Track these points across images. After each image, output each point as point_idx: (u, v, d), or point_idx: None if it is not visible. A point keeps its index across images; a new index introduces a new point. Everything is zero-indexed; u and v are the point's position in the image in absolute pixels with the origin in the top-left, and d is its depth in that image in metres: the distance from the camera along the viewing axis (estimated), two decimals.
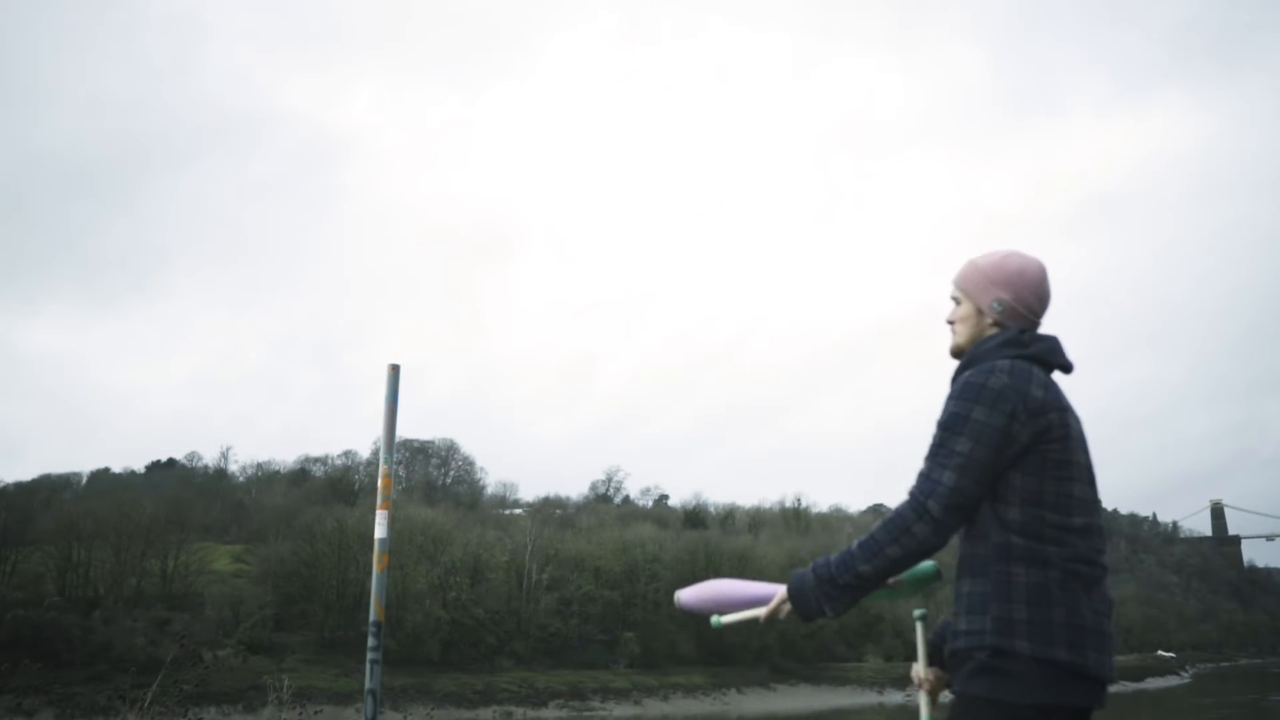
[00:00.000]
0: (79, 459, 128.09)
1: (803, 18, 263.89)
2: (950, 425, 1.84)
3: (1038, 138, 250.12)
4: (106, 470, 62.57)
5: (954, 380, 1.98)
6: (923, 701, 2.09)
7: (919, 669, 2.10)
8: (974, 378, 1.88)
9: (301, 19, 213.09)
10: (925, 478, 1.83)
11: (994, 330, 2.02)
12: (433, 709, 28.39)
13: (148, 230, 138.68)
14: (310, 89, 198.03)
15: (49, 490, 50.69)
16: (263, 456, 69.23)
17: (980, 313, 2.04)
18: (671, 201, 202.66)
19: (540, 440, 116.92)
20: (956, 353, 2.07)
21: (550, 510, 62.08)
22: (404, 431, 66.35)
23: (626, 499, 75.79)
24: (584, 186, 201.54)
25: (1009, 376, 1.86)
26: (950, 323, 2.11)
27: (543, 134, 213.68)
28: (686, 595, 2.18)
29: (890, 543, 1.81)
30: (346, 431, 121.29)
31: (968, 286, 2.06)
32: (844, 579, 1.84)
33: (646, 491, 78.39)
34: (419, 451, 69.72)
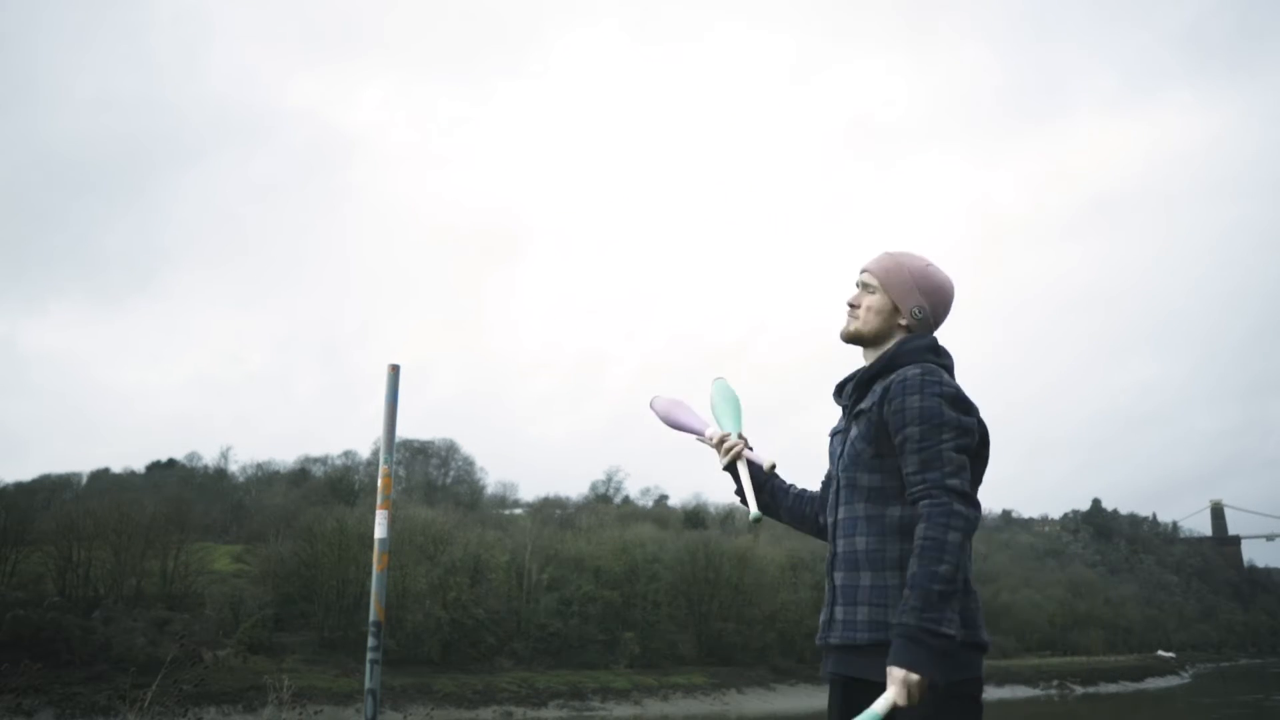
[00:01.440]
0: (82, 459, 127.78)
1: (811, 19, 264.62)
2: (928, 419, 1.84)
3: (1043, 138, 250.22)
4: (106, 470, 62.59)
5: (873, 375, 2.01)
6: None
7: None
8: (930, 376, 1.90)
9: (309, 17, 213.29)
10: (929, 466, 1.81)
11: (902, 333, 2.05)
12: (433, 709, 28.37)
13: (153, 229, 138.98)
14: (317, 87, 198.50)
15: (49, 490, 50.68)
16: (263, 456, 69.28)
17: (896, 311, 2.05)
18: (680, 200, 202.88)
19: (546, 440, 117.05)
20: (854, 339, 2.08)
21: (550, 510, 62.07)
22: (409, 431, 66.54)
23: (626, 499, 75.80)
24: (592, 186, 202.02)
25: (955, 382, 1.94)
26: (854, 306, 2.09)
27: (551, 133, 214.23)
28: (659, 404, 2.35)
29: (946, 531, 1.75)
30: (352, 431, 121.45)
31: (890, 281, 2.05)
32: (945, 612, 1.72)
33: (646, 491, 78.38)
34: (419, 451, 69.70)
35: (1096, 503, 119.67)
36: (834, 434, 2.19)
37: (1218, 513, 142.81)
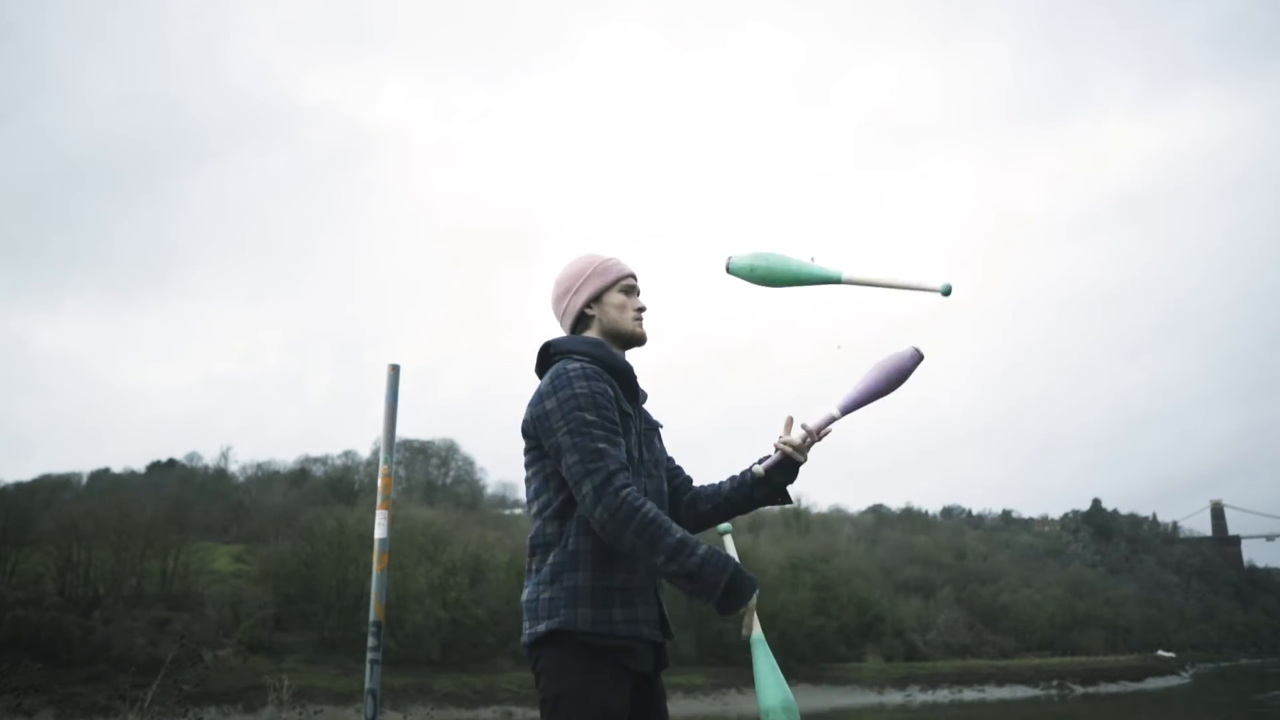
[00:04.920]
0: (90, 458, 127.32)
1: (831, 19, 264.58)
2: None
3: (1061, 136, 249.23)
4: (107, 470, 62.52)
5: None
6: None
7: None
8: None
9: (328, 11, 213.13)
10: None
11: None
12: (433, 709, 28.37)
13: (167, 228, 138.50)
14: (334, 83, 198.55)
15: (49, 490, 50.62)
16: (262, 456, 69.17)
17: None
18: (694, 199, 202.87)
19: None
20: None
21: None
22: (418, 431, 66.48)
23: None
24: (608, 184, 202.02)
25: None
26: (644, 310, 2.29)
27: (568, 132, 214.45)
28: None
29: None
30: (363, 432, 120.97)
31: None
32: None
33: None
34: (419, 451, 69.61)
35: (1096, 503, 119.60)
36: (654, 429, 2.28)
37: (1218, 513, 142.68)
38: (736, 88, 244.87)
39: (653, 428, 2.26)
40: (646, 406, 2.29)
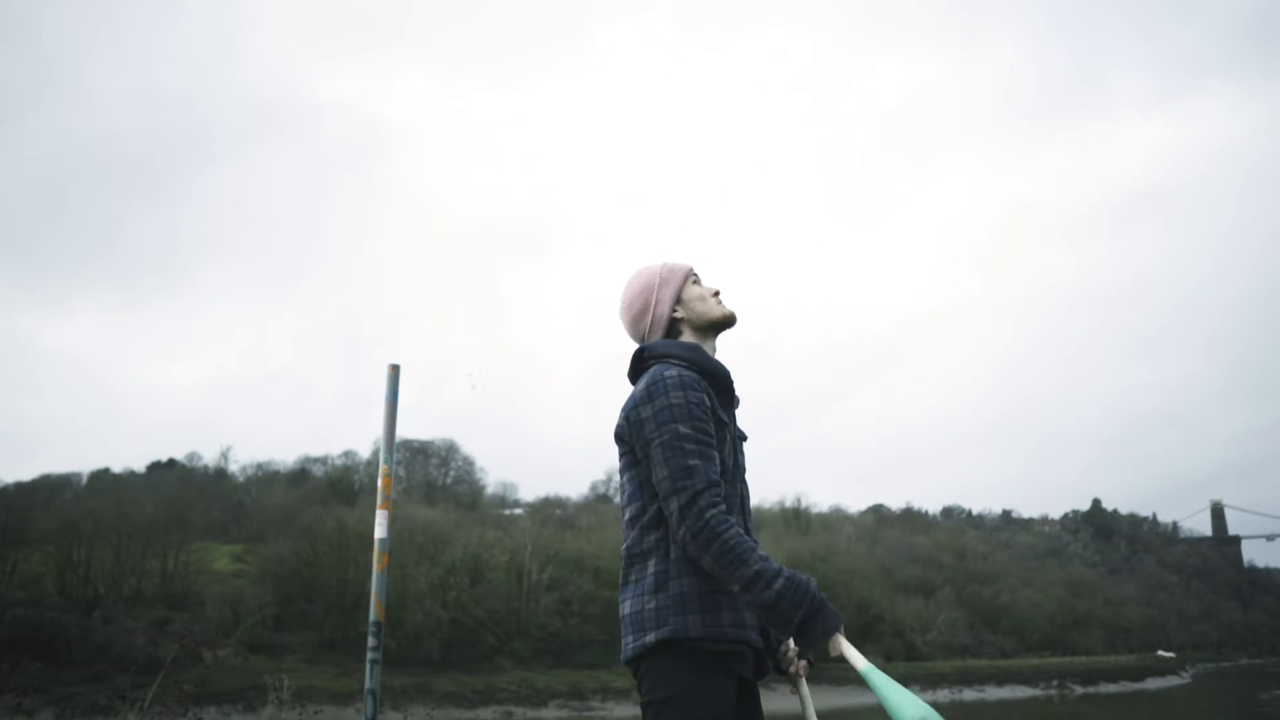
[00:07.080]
0: (89, 458, 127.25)
1: (848, 17, 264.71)
2: None
3: (1070, 135, 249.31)
4: (106, 470, 62.52)
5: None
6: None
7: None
8: None
9: (341, 11, 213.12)
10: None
11: None
12: (433, 709, 28.37)
13: (176, 226, 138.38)
14: (347, 83, 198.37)
15: (49, 490, 50.64)
16: (263, 456, 69.13)
17: None
18: (706, 196, 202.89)
19: (562, 440, 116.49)
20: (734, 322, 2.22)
21: (550, 510, 62.05)
22: (417, 431, 66.49)
23: None
24: (619, 183, 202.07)
25: None
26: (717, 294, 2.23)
27: (579, 130, 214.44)
28: None
29: None
30: (363, 432, 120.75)
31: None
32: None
33: None
34: (419, 451, 69.64)
35: (1096, 503, 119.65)
36: (740, 439, 2.18)
37: (1218, 513, 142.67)
38: (749, 85, 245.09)
39: (741, 437, 2.20)
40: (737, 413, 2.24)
